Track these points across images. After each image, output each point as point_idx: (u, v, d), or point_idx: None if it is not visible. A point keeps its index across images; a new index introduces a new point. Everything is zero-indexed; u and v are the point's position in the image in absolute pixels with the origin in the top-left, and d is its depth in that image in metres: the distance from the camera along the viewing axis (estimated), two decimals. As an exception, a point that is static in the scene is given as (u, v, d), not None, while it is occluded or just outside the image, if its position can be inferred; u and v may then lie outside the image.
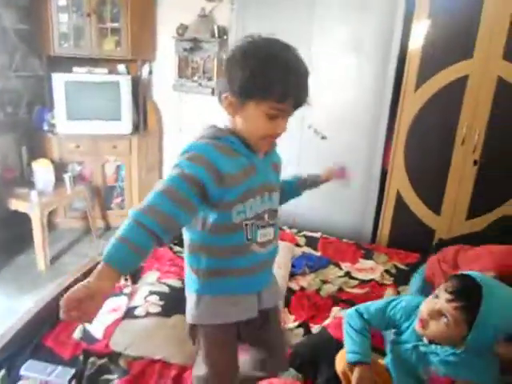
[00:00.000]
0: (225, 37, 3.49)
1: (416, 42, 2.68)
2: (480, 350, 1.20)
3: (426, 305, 1.27)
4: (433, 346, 1.29)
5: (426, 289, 1.95)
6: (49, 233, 3.24)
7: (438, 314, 1.22)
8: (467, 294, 1.18)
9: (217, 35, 3.47)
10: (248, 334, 1.31)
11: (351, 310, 1.48)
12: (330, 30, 2.98)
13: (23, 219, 3.15)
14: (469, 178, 2.79)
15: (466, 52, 2.60)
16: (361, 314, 1.44)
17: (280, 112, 1.07)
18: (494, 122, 2.64)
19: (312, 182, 1.54)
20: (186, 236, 1.18)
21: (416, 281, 2.13)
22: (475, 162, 2.75)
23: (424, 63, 2.70)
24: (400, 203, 3.00)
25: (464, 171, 2.79)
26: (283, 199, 1.35)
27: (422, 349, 1.32)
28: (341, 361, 1.43)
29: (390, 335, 1.47)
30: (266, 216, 1.18)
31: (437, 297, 1.25)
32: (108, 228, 3.87)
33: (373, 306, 1.45)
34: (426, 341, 1.31)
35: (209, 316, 1.21)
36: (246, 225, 1.13)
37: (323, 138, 3.16)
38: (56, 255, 3.35)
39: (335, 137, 3.14)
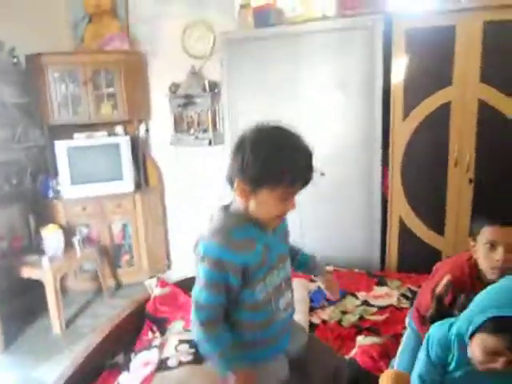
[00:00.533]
0: (216, 90, 3.68)
1: (398, 76, 2.86)
2: None
3: (485, 363, 1.21)
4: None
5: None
6: (61, 297, 3.27)
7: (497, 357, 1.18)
8: None
9: (208, 89, 3.66)
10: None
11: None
12: (315, 71, 3.15)
13: (35, 286, 3.19)
14: (466, 196, 2.89)
15: (445, 80, 2.77)
16: (422, 380, 1.38)
17: (291, 194, 1.18)
18: (482, 141, 2.77)
19: (313, 271, 1.59)
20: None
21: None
22: (470, 181, 2.86)
23: (408, 94, 2.87)
24: (404, 228, 3.08)
25: (461, 190, 2.90)
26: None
27: (475, 374, 1.28)
28: (388, 380, 1.46)
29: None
30: (283, 284, 1.30)
31: (497, 354, 1.18)
32: (119, 286, 3.90)
33: (419, 364, 1.39)
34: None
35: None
36: (270, 300, 1.25)
37: (322, 174, 3.27)
38: (70, 318, 3.36)
39: (333, 172, 3.25)
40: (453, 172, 2.89)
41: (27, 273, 3.22)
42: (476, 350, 1.20)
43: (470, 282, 1.57)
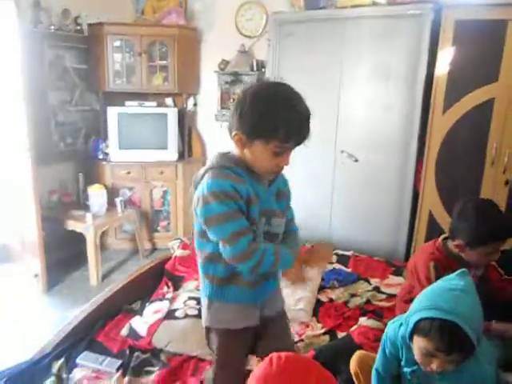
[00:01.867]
0: (263, 69, 3.76)
1: (442, 68, 2.82)
2: None
3: (424, 364, 1.26)
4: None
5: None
6: (101, 252, 3.53)
7: (441, 363, 1.22)
8: (459, 346, 1.17)
9: (255, 68, 3.75)
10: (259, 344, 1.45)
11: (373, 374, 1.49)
12: (359, 58, 3.17)
13: (78, 239, 3.46)
14: (501, 197, 2.82)
15: (491, 76, 2.70)
16: (378, 373, 1.47)
17: (284, 150, 1.22)
18: (523, 142, 2.71)
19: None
20: (207, 248, 1.31)
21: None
22: (507, 182, 2.79)
23: (450, 87, 2.82)
24: (433, 223, 3.06)
25: (496, 191, 2.83)
26: None
27: (419, 373, 1.35)
28: (354, 362, 1.54)
29: None
30: (265, 238, 1.31)
31: (432, 356, 1.22)
32: (154, 249, 4.13)
33: (377, 358, 1.47)
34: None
35: (218, 320, 1.36)
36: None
37: (356, 160, 3.30)
38: (106, 273, 3.62)
39: (367, 160, 3.27)
40: (489, 171, 2.83)
41: (72, 226, 3.49)
42: (415, 351, 1.26)
43: (447, 261, 1.74)
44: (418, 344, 1.23)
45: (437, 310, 1.17)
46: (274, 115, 1.16)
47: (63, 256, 3.69)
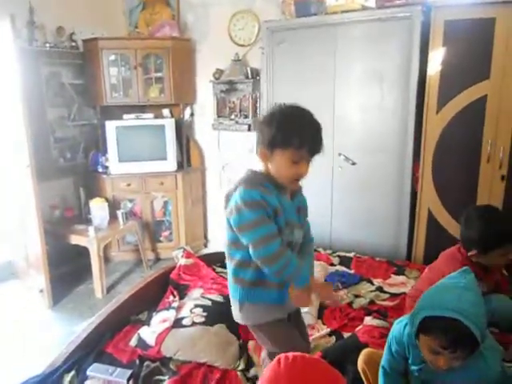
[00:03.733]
0: (257, 77, 3.80)
1: (434, 68, 2.86)
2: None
3: (432, 362, 1.29)
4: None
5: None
6: (105, 265, 3.55)
7: (447, 360, 1.25)
8: (463, 343, 1.20)
9: (250, 76, 3.79)
10: None
11: (380, 373, 1.53)
12: (352, 62, 3.21)
13: (82, 252, 3.49)
14: (498, 193, 2.86)
15: (482, 73, 2.74)
16: (385, 370, 1.51)
17: (300, 157, 1.39)
18: (517, 137, 2.74)
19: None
20: (237, 255, 1.49)
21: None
22: (503, 178, 2.83)
23: (443, 87, 2.86)
24: (432, 221, 3.09)
25: (492, 187, 2.86)
26: None
27: (427, 369, 1.38)
28: (361, 359, 1.57)
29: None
30: (289, 247, 1.46)
31: (438, 353, 1.25)
32: (158, 259, 4.15)
33: (384, 356, 1.52)
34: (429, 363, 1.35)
35: (251, 319, 1.54)
36: None
37: (353, 163, 3.34)
38: (111, 285, 3.64)
39: (364, 162, 3.31)
40: (485, 168, 2.86)
41: (75, 240, 3.52)
42: (422, 350, 1.29)
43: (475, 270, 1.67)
44: (424, 342, 1.26)
45: (441, 308, 1.20)
46: (289, 127, 1.38)
47: (67, 270, 3.73)
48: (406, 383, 1.48)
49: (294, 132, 1.37)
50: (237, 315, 1.57)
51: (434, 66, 2.86)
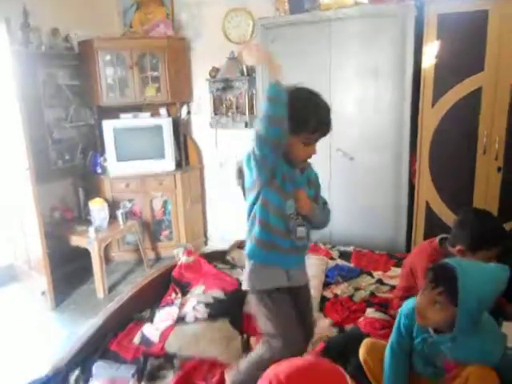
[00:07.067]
0: (253, 74, 3.81)
1: (428, 61, 2.88)
2: (470, 325, 1.33)
3: (418, 299, 1.42)
4: (437, 337, 1.43)
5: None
6: (105, 265, 3.56)
7: (430, 303, 1.37)
8: (444, 278, 1.34)
9: (246, 74, 3.80)
10: None
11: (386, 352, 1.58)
12: (347, 58, 3.23)
13: (83, 254, 3.50)
14: (494, 184, 2.88)
15: (476, 65, 2.76)
16: (392, 349, 1.56)
17: (311, 140, 1.49)
18: (513, 129, 2.76)
19: None
20: (254, 211, 1.55)
21: None
22: (499, 169, 2.85)
23: (438, 80, 2.88)
24: (430, 214, 3.11)
25: (489, 178, 2.89)
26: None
27: (430, 340, 1.46)
28: (363, 349, 1.60)
29: None
30: (301, 217, 1.57)
31: (424, 290, 1.40)
32: (158, 259, 4.16)
33: (392, 336, 1.58)
34: (431, 332, 1.45)
35: (259, 281, 1.58)
36: (291, 218, 1.54)
37: (351, 158, 3.36)
38: (112, 285, 3.65)
39: (362, 157, 3.33)
40: (481, 159, 2.88)
41: (76, 241, 3.53)
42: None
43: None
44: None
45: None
46: (304, 113, 1.44)
47: (68, 271, 3.73)
48: (409, 365, 1.54)
49: (310, 118, 1.44)
50: (245, 279, 1.62)
51: (429, 60, 2.88)
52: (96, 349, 1.89)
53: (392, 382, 1.50)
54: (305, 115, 1.44)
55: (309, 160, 1.60)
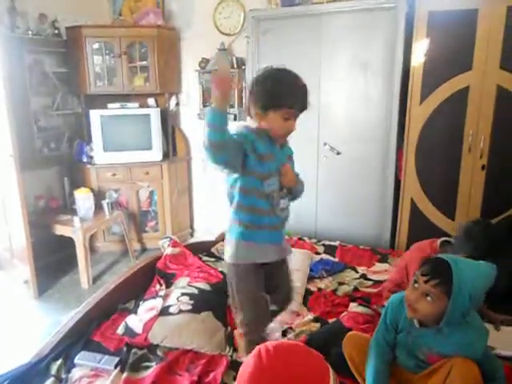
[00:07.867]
0: (243, 67, 3.79)
1: (417, 59, 2.90)
2: (459, 318, 1.37)
3: (409, 292, 1.45)
4: (421, 330, 1.46)
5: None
6: (90, 255, 3.54)
7: (421, 296, 1.40)
8: (440, 271, 1.37)
9: (236, 66, 3.78)
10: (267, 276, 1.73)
11: (371, 344, 1.61)
12: (337, 52, 3.25)
13: (67, 243, 3.47)
14: (479, 182, 2.93)
15: (465, 64, 2.79)
16: (377, 342, 1.58)
17: (291, 115, 1.55)
18: (498, 128, 2.80)
19: None
20: (234, 198, 1.61)
21: None
22: (483, 167, 2.89)
23: (426, 77, 2.90)
24: (415, 210, 3.15)
25: (473, 176, 2.93)
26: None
27: (414, 333, 1.49)
28: (346, 345, 1.62)
29: None
30: (284, 190, 1.65)
31: (415, 282, 1.43)
32: (144, 250, 4.15)
33: (377, 329, 1.61)
34: (417, 325, 1.48)
35: (243, 257, 1.63)
36: (273, 196, 1.61)
37: (338, 153, 3.37)
38: (97, 275, 3.63)
39: (349, 151, 3.35)
40: (466, 157, 2.92)
41: (60, 230, 3.49)
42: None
43: None
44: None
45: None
46: (281, 89, 1.52)
47: (53, 261, 3.71)
48: (392, 358, 1.58)
49: (287, 93, 1.51)
50: (228, 252, 1.67)
51: (418, 57, 2.90)
52: (79, 338, 1.89)
53: (374, 373, 1.52)
54: (282, 90, 1.51)
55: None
